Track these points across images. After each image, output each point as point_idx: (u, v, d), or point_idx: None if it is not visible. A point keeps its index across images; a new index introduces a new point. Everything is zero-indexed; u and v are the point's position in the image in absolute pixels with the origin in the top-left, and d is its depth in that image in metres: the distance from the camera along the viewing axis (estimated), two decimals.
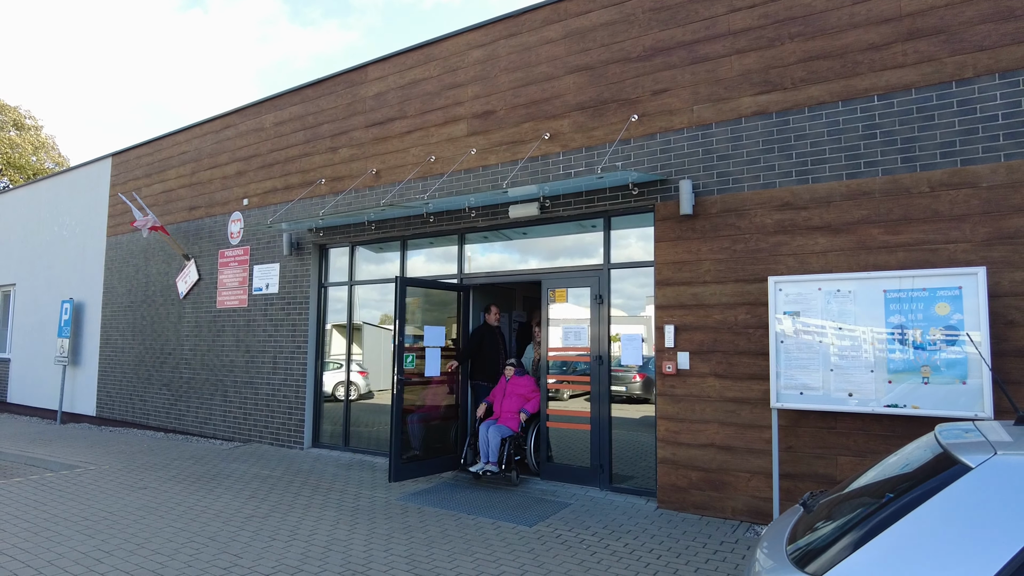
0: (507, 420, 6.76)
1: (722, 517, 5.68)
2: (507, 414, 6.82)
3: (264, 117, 9.74)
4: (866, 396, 4.95)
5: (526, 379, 6.97)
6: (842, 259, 5.36)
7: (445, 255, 8.02)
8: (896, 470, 2.16)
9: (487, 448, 6.61)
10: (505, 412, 6.84)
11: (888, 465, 2.31)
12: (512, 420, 6.75)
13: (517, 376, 6.98)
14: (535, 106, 7.01)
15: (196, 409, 10.11)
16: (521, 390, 6.91)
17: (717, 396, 5.77)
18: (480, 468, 6.58)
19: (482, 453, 6.66)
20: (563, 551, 4.84)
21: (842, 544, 1.80)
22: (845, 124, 5.40)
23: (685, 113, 6.16)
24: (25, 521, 5.47)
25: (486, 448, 6.63)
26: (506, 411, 6.84)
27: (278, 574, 4.29)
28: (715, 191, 5.94)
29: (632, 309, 6.58)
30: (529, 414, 6.80)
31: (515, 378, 6.97)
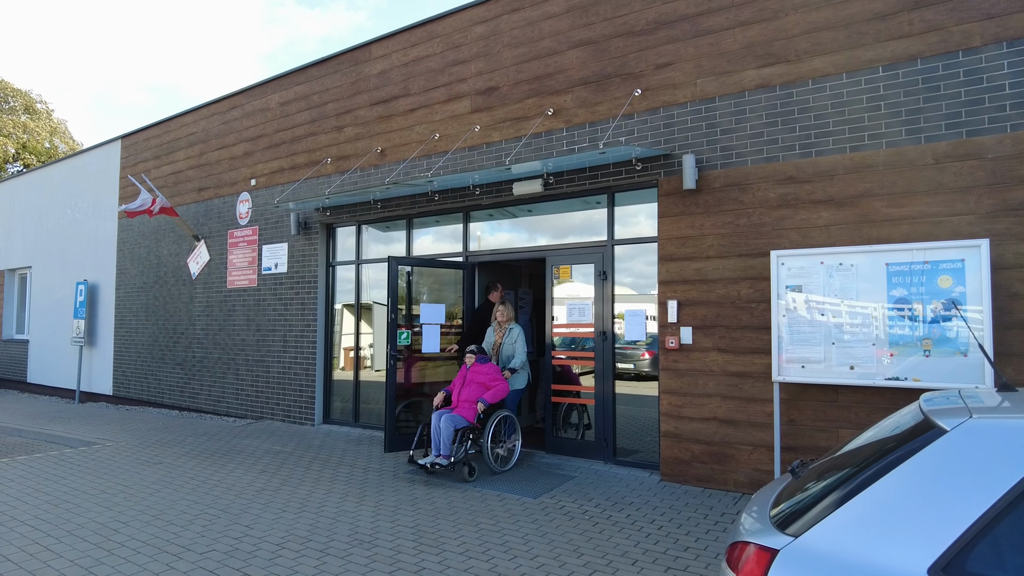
0: (464, 410, 6.20)
1: (724, 489, 5.76)
2: (465, 404, 6.26)
3: (270, 97, 9.76)
4: (868, 369, 4.97)
5: (487, 366, 6.39)
6: (845, 233, 5.34)
7: (450, 233, 8.07)
8: (880, 436, 2.21)
9: (438, 439, 6.06)
10: (463, 401, 6.28)
11: (874, 432, 2.36)
12: (469, 410, 6.18)
13: (478, 363, 6.42)
14: (538, 82, 6.99)
15: (209, 387, 10.30)
16: (481, 378, 6.32)
17: (720, 370, 5.81)
18: (429, 460, 6.02)
19: (433, 444, 6.12)
20: (566, 522, 4.93)
21: (822, 505, 1.85)
22: (849, 96, 5.35)
23: (688, 87, 6.12)
24: (46, 494, 5.65)
25: (437, 439, 6.07)
26: (464, 400, 6.29)
27: (288, 544, 4.42)
28: (718, 165, 5.92)
29: (642, 288, 6.59)
30: (488, 404, 6.18)
31: (476, 365, 6.41)
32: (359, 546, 4.37)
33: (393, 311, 6.74)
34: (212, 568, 3.97)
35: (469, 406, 6.21)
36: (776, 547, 1.81)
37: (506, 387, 6.36)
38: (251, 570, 3.95)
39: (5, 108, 29.64)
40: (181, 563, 4.05)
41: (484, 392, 6.25)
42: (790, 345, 5.30)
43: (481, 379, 6.32)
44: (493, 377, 6.34)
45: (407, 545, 4.40)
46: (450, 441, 6.01)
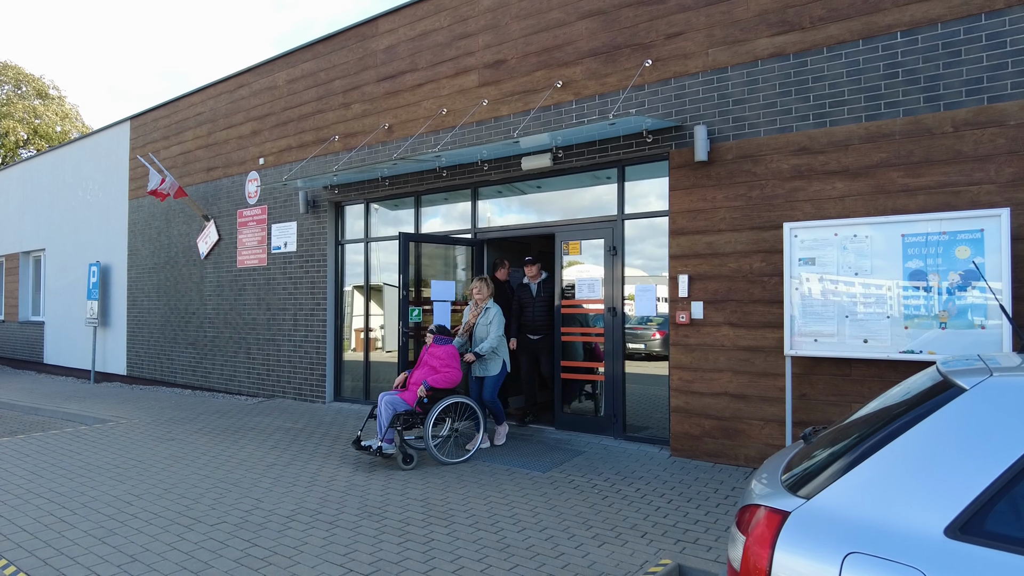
0: (411, 393, 5.84)
1: (735, 464, 5.72)
2: (413, 386, 5.93)
3: (277, 75, 9.69)
4: (882, 343, 4.89)
5: (445, 348, 6.01)
6: (860, 204, 5.23)
7: (459, 210, 8.01)
8: (895, 400, 2.15)
9: (381, 422, 5.73)
10: (412, 384, 5.96)
11: (888, 396, 2.30)
12: (414, 394, 5.81)
13: (436, 344, 6.04)
14: (547, 53, 6.87)
15: (221, 367, 10.37)
16: (434, 361, 5.94)
17: (731, 345, 5.75)
18: (372, 443, 5.69)
19: (379, 427, 5.76)
20: (575, 495, 4.92)
21: (835, 468, 1.81)
22: (865, 64, 5.21)
23: (700, 57, 5.99)
24: (61, 468, 5.72)
25: (380, 421, 5.73)
26: (412, 383, 5.96)
27: (298, 516, 4.44)
28: (730, 137, 5.81)
29: (653, 269, 6.51)
30: (430, 388, 5.77)
31: (433, 346, 6.03)
32: (368, 518, 4.39)
33: (405, 288, 6.70)
34: (222, 539, 4.00)
35: (415, 389, 5.84)
36: (787, 509, 1.77)
37: (458, 374, 5.91)
38: (261, 541, 3.97)
39: (18, 93, 29.76)
40: (192, 534, 4.09)
41: (432, 375, 5.85)
42: (803, 319, 5.22)
43: (434, 362, 5.93)
44: (447, 361, 5.91)
45: (416, 517, 4.41)
46: (388, 424, 5.65)
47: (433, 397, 5.85)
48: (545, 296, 6.92)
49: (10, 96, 29.42)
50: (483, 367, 6.36)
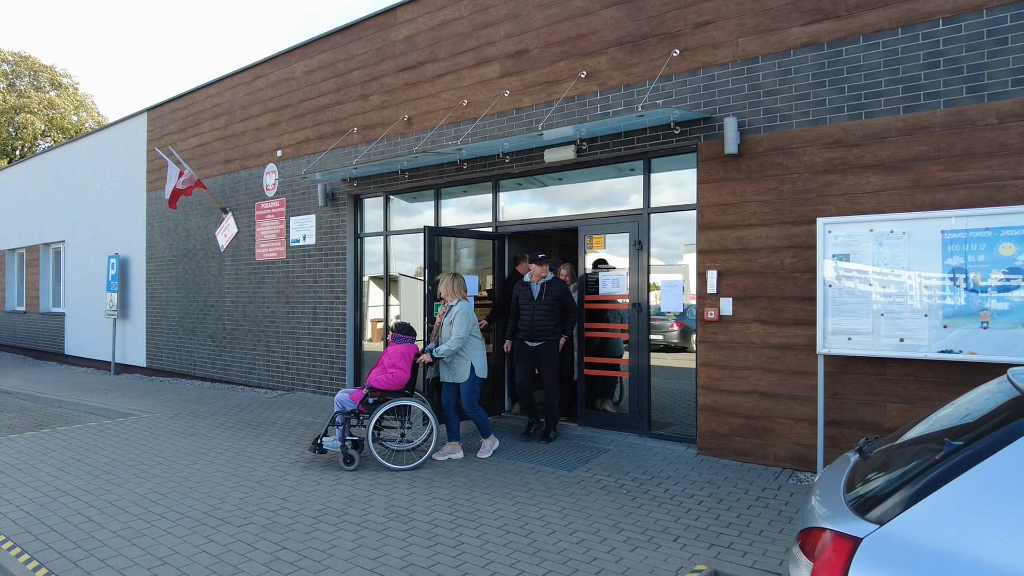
0: (360, 392, 5.61)
1: (764, 464, 5.62)
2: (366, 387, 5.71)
3: (294, 66, 9.61)
4: (919, 341, 4.75)
5: (402, 347, 5.67)
6: (896, 199, 5.08)
7: (479, 203, 7.91)
8: (963, 416, 2.04)
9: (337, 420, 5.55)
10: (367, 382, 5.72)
11: (953, 410, 2.18)
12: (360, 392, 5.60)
13: (395, 342, 5.74)
14: (571, 43, 6.72)
15: (240, 359, 10.39)
16: (386, 359, 5.65)
17: (761, 342, 5.63)
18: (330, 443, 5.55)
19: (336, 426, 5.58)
20: (603, 496, 4.85)
21: (910, 490, 1.70)
22: (904, 53, 5.03)
23: (730, 46, 5.83)
24: (87, 464, 5.73)
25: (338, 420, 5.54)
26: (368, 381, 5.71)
27: (325, 517, 4.40)
28: (761, 129, 5.66)
29: (668, 258, 6.41)
30: (372, 388, 5.49)
31: (392, 344, 5.75)
32: (396, 519, 4.34)
33: (431, 283, 6.59)
34: (250, 541, 3.97)
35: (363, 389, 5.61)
36: (858, 535, 1.67)
37: (404, 375, 5.59)
38: (289, 543, 3.94)
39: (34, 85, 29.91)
40: (220, 535, 4.06)
41: (382, 373, 5.58)
42: (836, 316, 5.09)
43: (386, 360, 5.64)
44: (395, 360, 5.61)
45: (444, 519, 4.36)
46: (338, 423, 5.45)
47: (380, 398, 5.52)
48: (548, 300, 6.26)
49: (27, 88, 29.59)
50: (450, 372, 5.83)
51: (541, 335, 6.31)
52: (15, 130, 29.56)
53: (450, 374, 5.84)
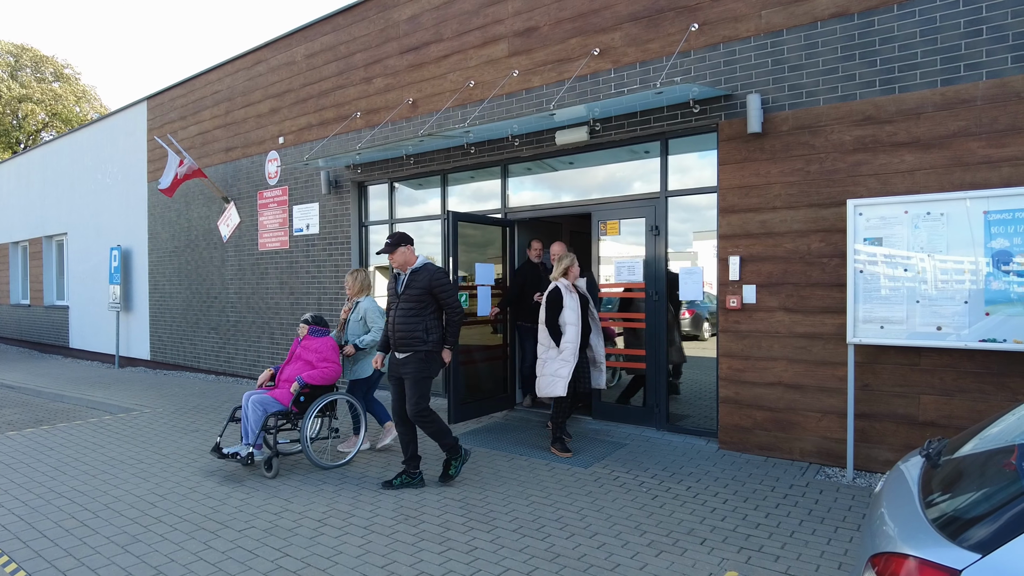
0: (283, 391, 5.18)
1: (789, 458, 5.36)
2: (285, 383, 5.26)
3: (295, 50, 9.31)
4: (958, 330, 4.46)
5: (323, 340, 5.34)
6: (932, 178, 4.77)
7: (487, 189, 7.63)
8: None
9: (247, 425, 4.99)
10: (284, 381, 5.29)
11: None
12: (285, 388, 5.21)
13: (311, 335, 5.36)
14: (582, 19, 6.41)
15: (244, 352, 10.18)
16: (310, 354, 5.28)
17: (786, 332, 5.35)
18: (238, 449, 4.98)
19: (245, 431, 5.02)
20: (622, 494, 4.61)
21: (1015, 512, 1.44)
22: (943, 21, 4.70)
23: (752, 19, 5.51)
24: (84, 463, 5.52)
25: (246, 424, 4.99)
26: (284, 379, 5.29)
27: (330, 519, 4.17)
28: (786, 106, 5.35)
29: (677, 245, 6.16)
30: (305, 384, 5.12)
31: (308, 338, 5.35)
32: (405, 522, 4.11)
33: (455, 271, 6.27)
34: (251, 547, 3.74)
35: (288, 386, 5.21)
36: (956, 566, 1.41)
37: (336, 369, 5.28)
38: (292, 550, 3.71)
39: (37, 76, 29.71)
40: (219, 541, 3.83)
41: (308, 369, 5.23)
42: (867, 303, 4.81)
43: (310, 355, 5.27)
44: (325, 355, 5.27)
45: (456, 521, 4.12)
46: (259, 427, 4.95)
47: (310, 395, 5.20)
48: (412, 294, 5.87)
49: (29, 79, 29.39)
50: (357, 367, 5.69)
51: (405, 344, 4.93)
52: (18, 122, 29.39)
53: (360, 370, 5.74)
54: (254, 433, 4.96)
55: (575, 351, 5.46)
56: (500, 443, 5.98)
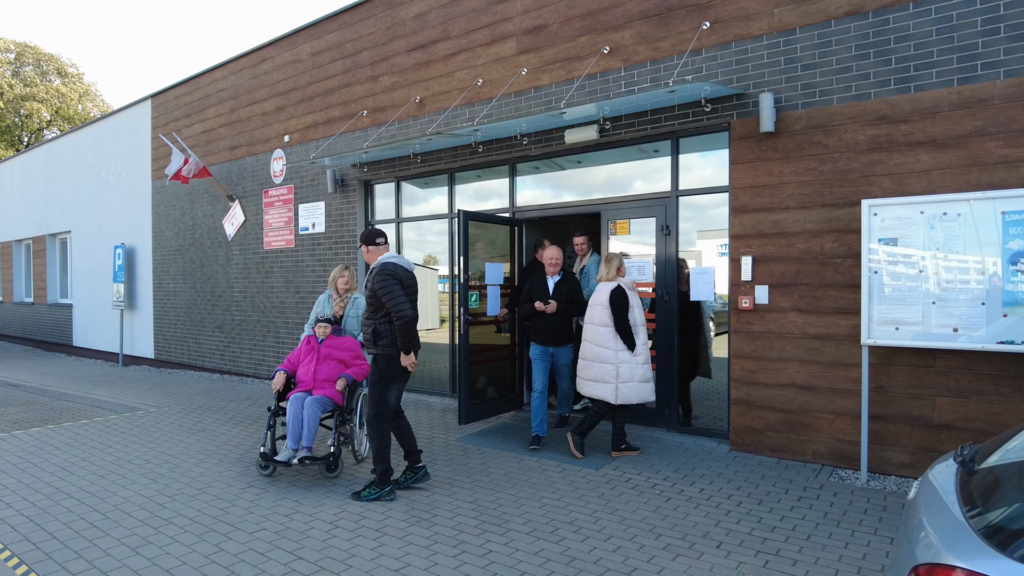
0: (325, 390, 5.18)
1: (801, 460, 5.32)
2: (325, 383, 5.22)
3: (301, 48, 9.27)
4: (975, 331, 4.42)
5: (347, 339, 5.48)
6: (948, 178, 4.72)
7: (495, 188, 7.58)
8: None
9: (299, 428, 4.90)
10: (322, 381, 5.23)
11: None
12: (331, 389, 5.19)
13: (334, 335, 5.46)
14: (592, 17, 6.36)
15: (249, 351, 10.14)
16: (340, 353, 5.36)
17: (799, 332, 5.31)
18: (291, 457, 4.86)
19: (291, 435, 4.90)
20: (635, 496, 4.57)
21: None
22: (960, 19, 4.66)
23: (764, 17, 5.46)
24: (92, 463, 5.49)
25: (298, 428, 4.90)
26: (323, 380, 5.23)
27: (341, 522, 4.14)
28: (799, 105, 5.30)
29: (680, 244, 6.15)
30: (352, 381, 5.27)
31: (332, 338, 5.42)
32: (417, 524, 4.07)
33: (466, 271, 6.22)
34: (263, 550, 3.71)
35: (330, 385, 5.22)
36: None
37: (367, 366, 5.26)
38: (305, 552, 3.67)
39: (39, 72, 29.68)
40: (230, 544, 3.80)
41: (346, 369, 5.32)
42: (882, 304, 4.76)
43: (340, 354, 5.35)
44: (357, 353, 5.42)
45: (468, 523, 4.08)
46: (316, 427, 4.96)
47: (351, 391, 5.36)
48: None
49: (33, 77, 29.36)
50: None
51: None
52: (21, 120, 29.36)
53: None
54: (311, 434, 4.93)
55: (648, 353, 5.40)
56: (509, 444, 5.95)
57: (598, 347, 5.37)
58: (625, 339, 5.28)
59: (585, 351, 5.50)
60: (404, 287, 4.49)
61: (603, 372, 5.34)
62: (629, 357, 5.30)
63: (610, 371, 5.30)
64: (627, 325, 5.30)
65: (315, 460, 4.89)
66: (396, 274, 4.49)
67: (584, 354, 5.51)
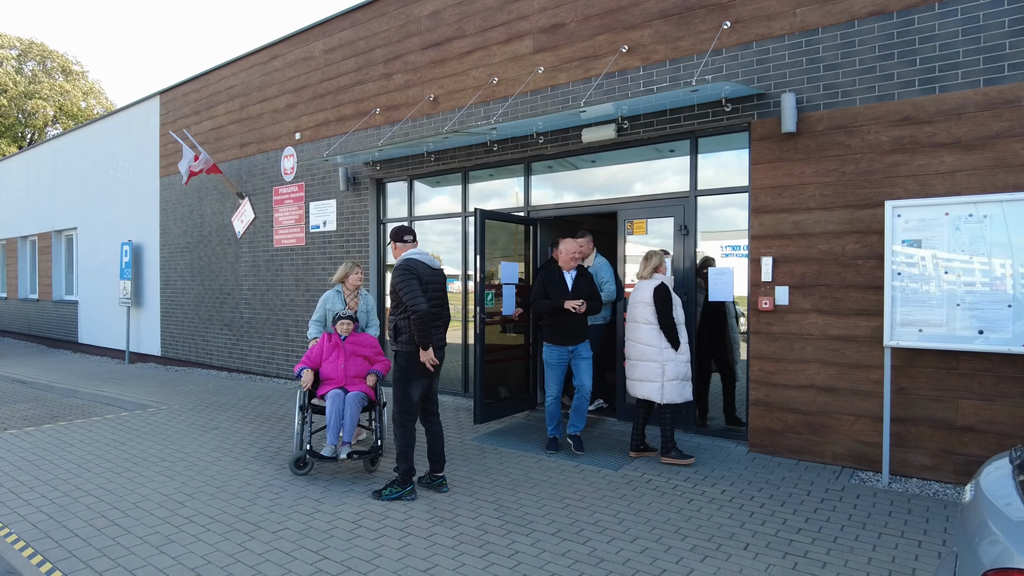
0: (358, 386, 5.23)
1: (821, 462, 5.30)
2: (355, 379, 5.28)
3: (313, 45, 9.24)
4: (1002, 334, 4.40)
5: (368, 336, 5.55)
6: (974, 179, 4.70)
7: (509, 187, 7.55)
8: None
9: (338, 423, 4.94)
10: (353, 377, 5.28)
11: None
12: (363, 385, 5.26)
13: (356, 332, 5.51)
14: (610, 16, 6.33)
15: (259, 349, 10.11)
16: (365, 350, 5.43)
17: (819, 334, 5.28)
18: (337, 452, 4.90)
19: (331, 431, 4.92)
20: (657, 497, 4.54)
21: None
22: (986, 20, 4.63)
23: (786, 17, 5.43)
24: (107, 461, 5.46)
25: (338, 423, 4.94)
26: (354, 376, 5.29)
27: (364, 521, 4.11)
28: (821, 106, 5.28)
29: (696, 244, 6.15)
30: (382, 376, 5.39)
31: (355, 335, 5.46)
32: (441, 524, 4.04)
33: (482, 270, 6.18)
34: (288, 550, 3.68)
35: (361, 381, 5.29)
36: None
37: (389, 361, 5.38)
38: (330, 552, 3.64)
39: (44, 70, 29.64)
40: (254, 543, 3.77)
41: (372, 365, 5.41)
42: (905, 306, 4.74)
43: (365, 351, 5.42)
44: (378, 348, 5.53)
45: (492, 524, 4.06)
46: (356, 422, 5.03)
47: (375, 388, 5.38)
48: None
49: (37, 74, 29.33)
50: None
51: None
52: (25, 117, 29.32)
53: None
54: (352, 430, 5.01)
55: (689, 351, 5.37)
56: (526, 444, 5.92)
57: (643, 345, 5.29)
58: (669, 337, 5.22)
59: (630, 350, 5.40)
60: (423, 283, 4.46)
61: (649, 371, 5.26)
62: (674, 355, 5.23)
63: (656, 369, 5.24)
64: (672, 322, 5.22)
65: (362, 454, 5.01)
66: (415, 269, 4.47)
67: (629, 353, 5.42)
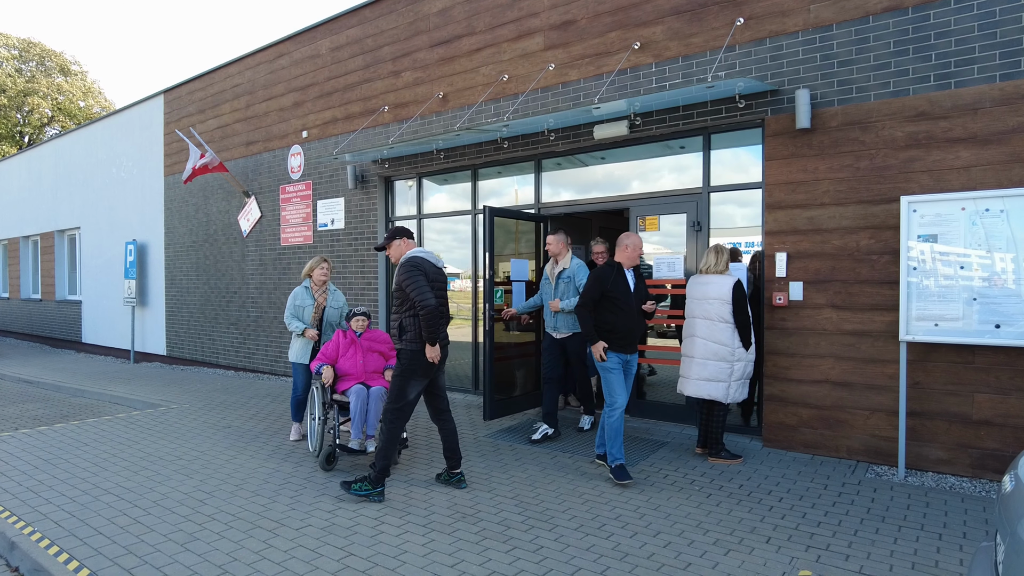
0: (377, 380, 5.30)
1: (836, 456, 5.32)
2: (373, 374, 5.36)
3: (320, 43, 9.23)
4: (1018, 328, 4.42)
5: (380, 332, 5.63)
6: (990, 174, 4.71)
7: (520, 184, 7.55)
8: None
9: (362, 417, 5.03)
10: (372, 373, 5.36)
11: None
12: (382, 380, 5.33)
13: (370, 329, 5.59)
14: (622, 12, 6.33)
15: (265, 347, 10.11)
16: (379, 346, 5.50)
17: (834, 329, 5.30)
18: (364, 445, 5.06)
19: (355, 425, 5.00)
20: (675, 493, 4.56)
21: None
22: (1003, 15, 4.64)
23: (800, 13, 5.44)
24: (123, 459, 5.46)
25: (362, 417, 5.03)
26: (372, 371, 5.37)
27: (387, 518, 4.12)
28: (835, 102, 5.29)
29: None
30: None
31: (369, 331, 5.53)
32: (463, 520, 4.05)
33: (491, 267, 6.20)
34: (313, 546, 3.68)
35: (379, 376, 5.37)
36: None
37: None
38: (356, 548, 3.65)
39: (42, 69, 29.54)
40: (279, 540, 3.78)
41: (387, 361, 5.48)
42: (920, 301, 4.76)
43: (379, 347, 5.50)
44: (390, 345, 5.51)
45: (514, 519, 4.07)
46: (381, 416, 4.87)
47: None
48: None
49: (35, 72, 29.23)
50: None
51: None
52: (23, 116, 29.23)
53: None
54: (376, 423, 5.03)
55: None
56: (540, 440, 5.93)
57: (716, 344, 5.09)
58: (744, 336, 5.08)
59: (698, 348, 5.16)
60: (429, 280, 4.48)
61: (719, 371, 5.09)
62: (744, 355, 5.11)
63: (725, 370, 5.08)
64: (748, 321, 5.06)
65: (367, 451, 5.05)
66: (422, 267, 4.48)
67: (695, 352, 5.18)
